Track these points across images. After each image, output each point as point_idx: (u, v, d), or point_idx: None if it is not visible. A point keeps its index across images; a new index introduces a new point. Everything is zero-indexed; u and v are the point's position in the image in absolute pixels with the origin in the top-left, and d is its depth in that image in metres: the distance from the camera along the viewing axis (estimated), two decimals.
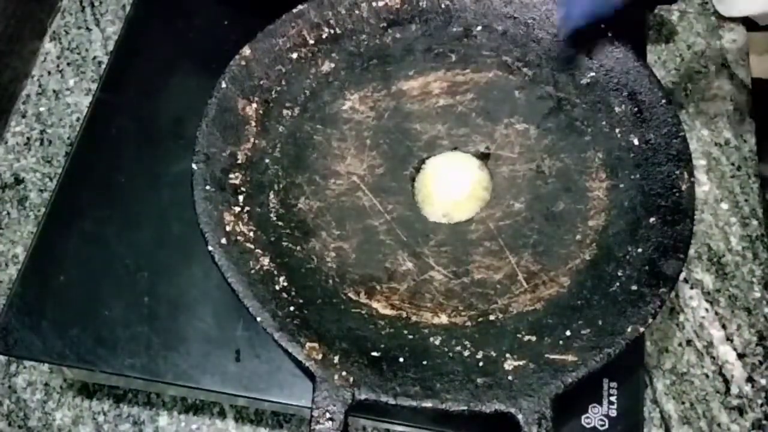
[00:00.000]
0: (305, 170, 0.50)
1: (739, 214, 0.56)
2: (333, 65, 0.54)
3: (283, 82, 0.52)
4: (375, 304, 0.45)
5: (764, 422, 0.49)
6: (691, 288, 0.54)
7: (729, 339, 0.52)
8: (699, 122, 0.60)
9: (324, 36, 0.53)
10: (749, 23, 0.64)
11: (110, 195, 0.53)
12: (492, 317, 0.44)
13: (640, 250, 0.44)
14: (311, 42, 0.53)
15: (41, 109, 0.64)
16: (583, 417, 0.44)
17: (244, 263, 0.44)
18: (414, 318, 0.45)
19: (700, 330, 0.52)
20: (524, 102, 0.52)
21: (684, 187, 0.45)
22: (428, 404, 0.39)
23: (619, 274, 0.44)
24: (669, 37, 0.64)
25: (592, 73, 0.51)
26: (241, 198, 0.47)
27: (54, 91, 0.65)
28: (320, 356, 0.40)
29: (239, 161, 0.48)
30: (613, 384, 0.45)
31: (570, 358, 0.40)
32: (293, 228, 0.47)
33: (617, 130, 0.49)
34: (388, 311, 0.45)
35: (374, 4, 0.54)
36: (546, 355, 0.41)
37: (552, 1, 0.52)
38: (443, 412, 0.39)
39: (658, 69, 0.62)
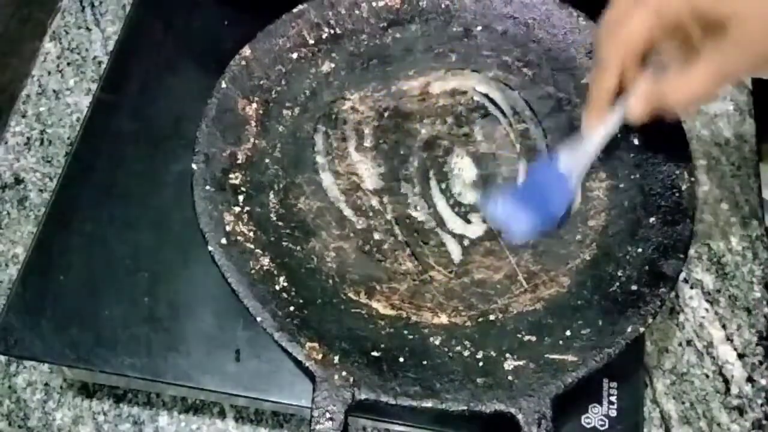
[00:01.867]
0: (305, 170, 0.50)
1: (739, 214, 0.56)
2: (333, 65, 0.54)
3: (283, 82, 0.52)
4: (375, 304, 0.45)
5: (764, 422, 0.49)
6: (691, 288, 0.54)
7: (729, 339, 0.52)
8: (699, 122, 0.60)
9: (324, 36, 0.53)
10: None
11: (110, 195, 0.53)
12: (492, 317, 0.44)
13: (640, 250, 0.44)
14: (311, 42, 0.53)
15: (41, 109, 0.64)
16: (583, 417, 0.44)
17: (244, 263, 0.44)
18: (414, 318, 0.45)
19: (700, 330, 0.52)
20: (524, 102, 0.52)
21: (684, 187, 0.45)
22: (428, 404, 0.39)
23: (619, 274, 0.44)
24: None
25: None
26: (241, 198, 0.47)
27: (54, 91, 0.65)
28: (320, 356, 0.40)
29: (239, 161, 0.48)
30: (613, 384, 0.45)
31: (570, 358, 0.40)
32: (293, 228, 0.47)
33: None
34: (388, 311, 0.45)
35: (374, 4, 0.54)
36: (546, 355, 0.41)
37: (552, 1, 0.52)
38: (443, 412, 0.39)
39: None
